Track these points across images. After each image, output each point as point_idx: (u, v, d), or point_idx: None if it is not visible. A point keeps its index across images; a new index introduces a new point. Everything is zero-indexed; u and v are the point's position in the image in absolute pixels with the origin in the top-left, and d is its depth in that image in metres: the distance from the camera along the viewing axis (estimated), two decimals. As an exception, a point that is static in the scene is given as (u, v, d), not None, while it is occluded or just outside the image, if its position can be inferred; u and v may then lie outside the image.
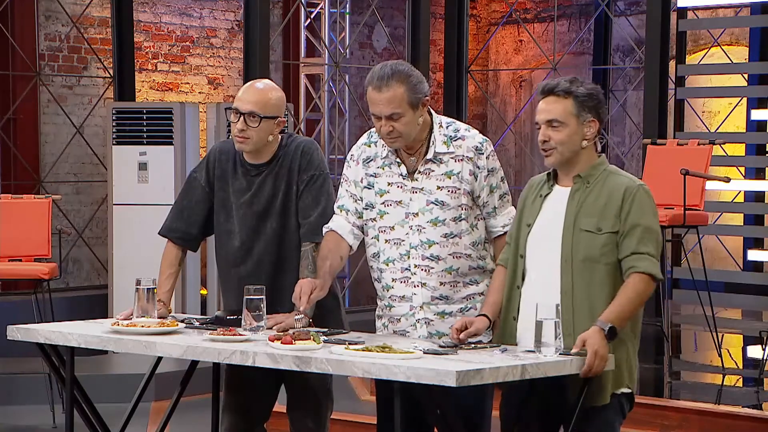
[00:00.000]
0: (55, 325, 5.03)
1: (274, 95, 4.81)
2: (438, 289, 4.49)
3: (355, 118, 14.09)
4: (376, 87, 4.39)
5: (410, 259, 4.50)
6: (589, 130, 4.23)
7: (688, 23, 11.25)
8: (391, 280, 4.54)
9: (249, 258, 4.84)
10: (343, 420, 6.65)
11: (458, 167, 4.49)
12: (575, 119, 4.21)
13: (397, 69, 4.40)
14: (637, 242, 4.13)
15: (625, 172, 4.31)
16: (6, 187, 10.84)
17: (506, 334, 4.33)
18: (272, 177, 4.83)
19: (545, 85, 4.26)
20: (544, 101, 4.25)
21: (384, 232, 4.54)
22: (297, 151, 4.82)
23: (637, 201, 4.17)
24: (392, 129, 4.41)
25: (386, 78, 4.38)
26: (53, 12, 11.75)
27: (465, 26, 11.80)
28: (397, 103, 4.38)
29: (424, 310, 4.51)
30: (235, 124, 4.75)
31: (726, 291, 10.49)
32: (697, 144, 8.36)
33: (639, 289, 4.12)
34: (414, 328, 4.53)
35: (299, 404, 4.92)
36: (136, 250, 10.00)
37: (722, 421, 6.56)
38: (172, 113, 10.44)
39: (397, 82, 4.38)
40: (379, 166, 4.57)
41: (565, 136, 4.21)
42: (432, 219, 4.48)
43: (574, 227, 4.19)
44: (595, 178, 4.24)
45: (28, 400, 8.36)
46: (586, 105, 4.22)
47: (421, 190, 4.50)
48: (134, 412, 5.12)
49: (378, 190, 4.56)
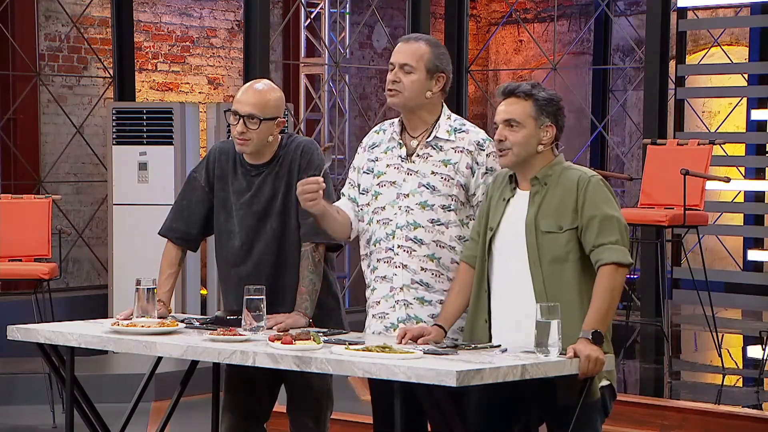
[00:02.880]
0: (55, 325, 5.03)
1: (273, 96, 4.80)
2: (419, 273, 4.48)
3: (355, 118, 14.10)
4: (404, 40, 4.57)
5: (395, 239, 4.50)
6: (546, 134, 4.25)
7: (688, 23, 11.25)
8: (376, 261, 4.56)
9: (249, 258, 4.84)
10: (343, 420, 6.65)
11: (456, 158, 4.51)
12: (533, 122, 4.24)
13: (430, 37, 4.59)
14: (597, 234, 4.15)
15: (579, 166, 4.33)
16: (6, 187, 10.84)
17: (475, 336, 4.34)
18: (272, 177, 4.83)
19: (507, 86, 4.30)
20: (504, 102, 4.29)
21: (376, 213, 4.57)
22: (297, 151, 4.82)
23: (590, 192, 4.19)
24: (398, 80, 4.48)
25: (417, 37, 4.57)
26: (53, 12, 11.75)
27: (465, 26, 11.80)
28: (416, 57, 4.48)
29: (404, 292, 4.50)
30: (235, 126, 4.75)
31: (726, 291, 10.50)
32: (697, 144, 8.36)
33: (609, 282, 4.12)
34: (393, 310, 4.51)
35: (299, 404, 4.92)
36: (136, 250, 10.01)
37: (722, 421, 6.56)
38: (172, 113, 10.44)
39: (426, 43, 4.52)
40: (382, 151, 4.61)
41: (521, 137, 4.23)
42: (421, 201, 4.49)
43: (536, 230, 4.21)
44: (552, 178, 4.26)
45: (28, 400, 8.36)
46: (545, 109, 4.25)
47: (415, 173, 4.52)
48: (134, 412, 5.12)
49: (377, 172, 4.59)
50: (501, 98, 4.31)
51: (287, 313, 4.69)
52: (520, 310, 4.17)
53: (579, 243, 4.19)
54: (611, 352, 4.22)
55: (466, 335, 4.39)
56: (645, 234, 9.16)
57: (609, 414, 4.30)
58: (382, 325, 4.54)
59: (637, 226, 8.45)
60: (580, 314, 4.13)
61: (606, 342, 4.17)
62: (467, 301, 4.38)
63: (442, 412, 4.04)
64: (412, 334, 4.26)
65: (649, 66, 10.20)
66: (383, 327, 4.53)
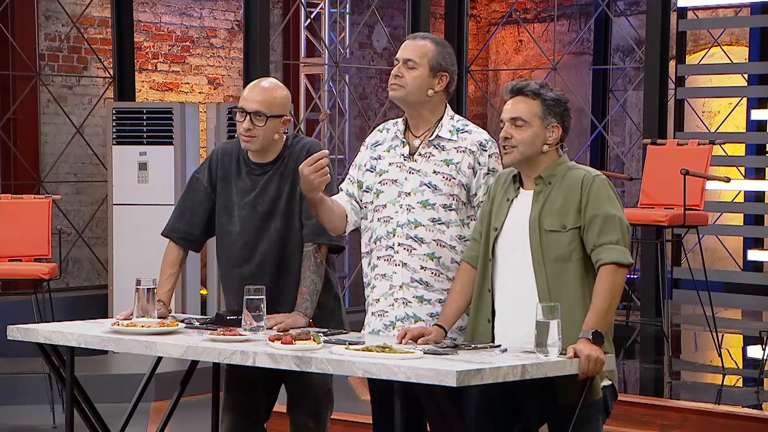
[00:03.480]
0: (55, 325, 5.03)
1: (280, 94, 4.83)
2: (418, 272, 4.49)
3: (355, 118, 14.09)
4: (411, 37, 4.61)
5: (395, 237, 4.51)
6: (552, 135, 4.25)
7: (688, 23, 11.25)
8: (377, 258, 4.56)
9: (252, 258, 4.84)
10: (343, 420, 6.65)
11: (458, 157, 4.51)
12: (540, 121, 4.24)
13: (440, 39, 4.62)
14: (598, 234, 4.15)
15: (583, 166, 4.33)
16: (6, 187, 10.84)
17: (478, 336, 4.34)
18: (277, 177, 4.84)
19: (515, 84, 4.31)
20: (512, 100, 4.30)
21: (377, 211, 4.58)
22: (302, 152, 4.83)
23: (594, 191, 4.19)
24: (401, 75, 4.51)
25: (424, 36, 4.60)
26: (53, 12, 11.75)
27: (465, 26, 11.80)
28: (420, 54, 4.51)
29: (403, 290, 4.50)
30: (241, 123, 4.76)
31: (726, 291, 10.50)
32: (697, 144, 8.36)
33: (609, 282, 4.13)
34: (392, 307, 4.51)
35: (300, 404, 4.92)
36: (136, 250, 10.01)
37: (722, 421, 6.56)
38: (172, 113, 10.44)
39: (432, 42, 4.56)
40: (385, 149, 4.62)
41: (527, 136, 4.23)
42: (422, 200, 4.50)
43: (540, 229, 4.21)
44: (556, 177, 4.26)
45: (28, 400, 8.36)
46: (553, 110, 4.25)
47: (417, 172, 4.53)
48: (134, 412, 5.12)
49: (379, 170, 4.60)
50: (508, 96, 4.31)
51: (289, 313, 4.69)
52: (524, 310, 4.16)
53: (582, 242, 4.19)
54: (612, 352, 4.22)
55: (468, 335, 4.39)
56: (645, 234, 9.17)
57: (610, 414, 4.30)
58: (381, 323, 4.54)
59: (637, 226, 8.46)
60: (583, 313, 4.13)
61: (607, 342, 4.17)
62: (468, 302, 4.38)
63: (442, 412, 4.04)
64: (412, 334, 4.26)
65: (649, 66, 10.20)
66: (382, 325, 4.53)
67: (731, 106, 12.32)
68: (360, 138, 13.68)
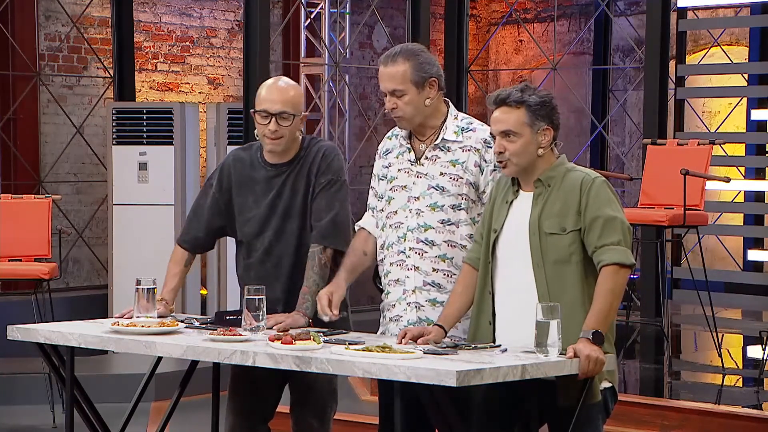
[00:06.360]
0: (55, 325, 5.02)
1: (298, 92, 4.89)
2: (430, 274, 4.51)
3: (355, 118, 14.09)
4: (383, 63, 4.53)
5: (406, 242, 4.53)
6: (544, 138, 4.24)
7: (688, 23, 11.24)
8: (389, 264, 4.59)
9: (269, 259, 4.87)
10: (344, 420, 6.64)
11: (464, 157, 4.52)
12: (529, 129, 4.23)
13: (406, 48, 4.53)
14: (599, 235, 4.15)
15: (582, 168, 4.32)
16: (6, 187, 10.84)
17: (479, 337, 4.34)
18: (293, 177, 4.86)
19: (497, 95, 4.27)
20: (497, 111, 4.26)
21: (389, 217, 4.61)
22: (318, 154, 4.85)
23: (593, 193, 4.19)
24: (396, 106, 4.50)
25: (394, 54, 4.51)
26: (53, 12, 11.75)
27: (465, 26, 11.79)
28: (400, 80, 4.47)
29: (416, 294, 4.52)
30: (266, 126, 4.76)
31: (726, 291, 10.49)
32: (697, 144, 8.36)
33: (610, 283, 4.12)
34: (405, 312, 4.54)
35: (304, 403, 4.92)
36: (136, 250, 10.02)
37: (722, 421, 6.56)
38: (172, 113, 10.45)
39: (403, 59, 4.49)
40: (394, 156, 4.65)
41: (519, 147, 4.22)
42: (431, 203, 4.52)
43: (540, 231, 4.21)
44: (555, 179, 4.25)
45: (28, 400, 8.36)
46: (539, 114, 4.23)
47: (425, 175, 4.55)
48: (134, 412, 5.12)
49: (389, 177, 4.63)
50: (492, 107, 4.29)
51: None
52: (524, 312, 4.16)
53: (582, 244, 4.19)
54: (613, 352, 4.22)
55: (470, 336, 4.40)
56: (645, 234, 9.16)
57: (610, 414, 4.30)
58: (397, 327, 4.55)
59: (637, 226, 8.45)
60: (583, 315, 4.13)
61: (607, 342, 4.17)
62: (470, 303, 4.38)
63: (442, 412, 4.04)
64: (412, 334, 4.26)
65: (649, 66, 10.19)
66: (398, 329, 4.53)
67: (731, 106, 12.32)
68: (360, 138, 13.69)
